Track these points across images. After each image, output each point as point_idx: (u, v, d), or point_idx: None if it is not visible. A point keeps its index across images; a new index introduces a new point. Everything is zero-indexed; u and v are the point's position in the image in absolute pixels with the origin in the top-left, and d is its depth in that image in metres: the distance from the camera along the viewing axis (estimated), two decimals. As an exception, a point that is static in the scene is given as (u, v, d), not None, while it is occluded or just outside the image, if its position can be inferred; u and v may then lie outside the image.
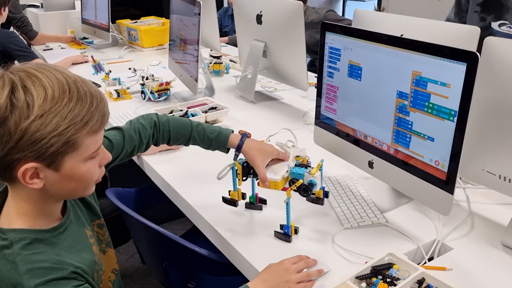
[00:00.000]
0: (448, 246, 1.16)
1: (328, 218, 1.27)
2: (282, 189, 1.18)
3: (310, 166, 1.19)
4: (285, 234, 1.18)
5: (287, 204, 1.16)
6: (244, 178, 1.24)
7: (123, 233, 1.73)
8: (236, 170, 1.23)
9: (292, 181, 1.17)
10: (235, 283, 1.07)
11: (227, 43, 3.83)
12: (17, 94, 0.78)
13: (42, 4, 3.83)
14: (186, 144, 1.31)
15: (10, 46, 2.81)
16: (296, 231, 1.20)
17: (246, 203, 1.32)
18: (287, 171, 1.19)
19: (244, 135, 1.25)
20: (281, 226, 1.19)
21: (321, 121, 1.45)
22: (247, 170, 1.23)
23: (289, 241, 1.18)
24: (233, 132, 1.28)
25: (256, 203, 1.31)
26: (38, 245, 0.87)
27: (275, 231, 1.20)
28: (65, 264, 0.87)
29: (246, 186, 1.28)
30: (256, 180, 1.23)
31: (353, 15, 1.61)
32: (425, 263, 1.11)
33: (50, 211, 0.93)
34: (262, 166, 1.19)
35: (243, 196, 1.28)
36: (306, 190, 1.15)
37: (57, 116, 0.79)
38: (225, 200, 1.28)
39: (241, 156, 1.24)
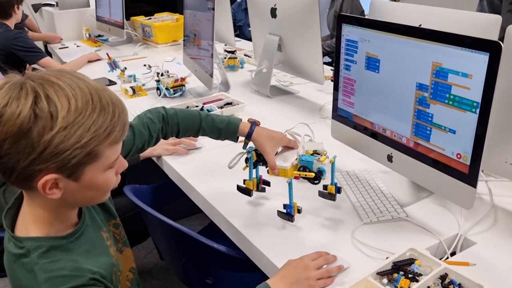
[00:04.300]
0: (471, 240, 1.13)
1: (347, 213, 1.25)
2: (294, 178, 1.16)
3: (319, 154, 1.18)
4: (287, 214, 1.18)
5: (290, 184, 1.15)
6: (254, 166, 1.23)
7: (142, 232, 1.74)
8: (252, 159, 1.22)
9: (303, 168, 1.15)
10: (253, 279, 1.07)
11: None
12: (41, 105, 0.75)
13: (57, 2, 3.86)
14: (195, 136, 1.30)
15: (15, 48, 2.84)
16: (299, 211, 1.18)
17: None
18: (296, 158, 1.18)
19: (254, 123, 1.25)
20: (284, 206, 1.18)
21: (338, 114, 1.43)
22: (257, 158, 1.23)
23: (292, 221, 1.18)
24: (241, 120, 1.28)
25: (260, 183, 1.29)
26: (55, 253, 0.86)
27: (278, 210, 1.20)
28: (83, 271, 0.86)
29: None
30: (266, 167, 1.22)
31: (369, 6, 1.59)
32: (447, 258, 1.09)
33: (67, 217, 0.93)
34: (271, 153, 1.18)
35: (258, 186, 1.26)
36: (315, 178, 1.15)
37: (81, 128, 0.78)
38: (239, 188, 1.26)
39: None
